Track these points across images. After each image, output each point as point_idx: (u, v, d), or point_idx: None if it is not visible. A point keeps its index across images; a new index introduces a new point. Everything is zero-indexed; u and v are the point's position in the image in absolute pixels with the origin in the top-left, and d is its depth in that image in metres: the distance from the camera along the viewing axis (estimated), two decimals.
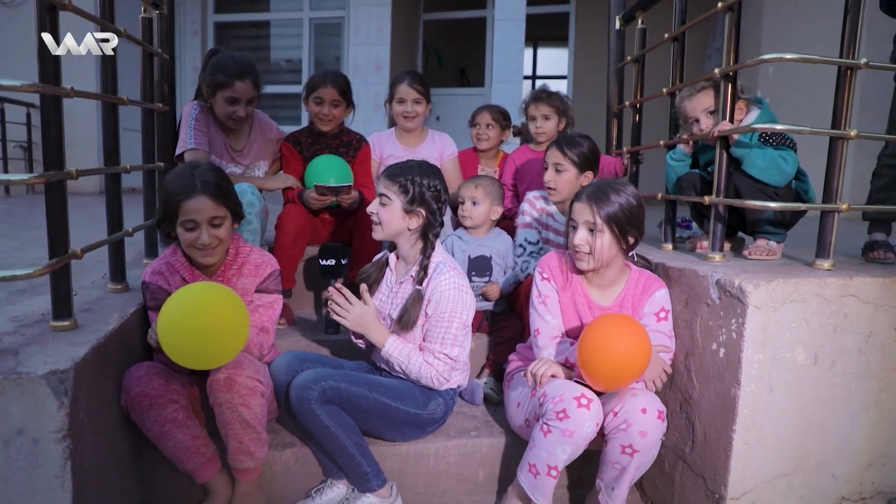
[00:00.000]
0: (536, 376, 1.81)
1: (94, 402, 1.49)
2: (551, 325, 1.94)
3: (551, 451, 1.72)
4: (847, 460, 1.85)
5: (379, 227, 1.98)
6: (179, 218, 1.79)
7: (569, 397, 1.70)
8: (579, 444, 1.70)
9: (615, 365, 1.65)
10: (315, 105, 2.81)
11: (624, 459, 1.74)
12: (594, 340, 1.68)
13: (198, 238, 1.80)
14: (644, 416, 1.69)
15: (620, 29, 2.85)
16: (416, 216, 1.95)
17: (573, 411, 1.68)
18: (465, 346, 2.00)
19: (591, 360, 1.68)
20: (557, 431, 1.70)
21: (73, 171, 1.57)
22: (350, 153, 2.91)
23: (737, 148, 2.03)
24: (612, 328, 1.69)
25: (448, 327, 1.91)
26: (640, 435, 1.70)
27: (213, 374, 1.72)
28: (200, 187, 1.80)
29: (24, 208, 4.90)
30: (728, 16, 1.91)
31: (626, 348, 1.65)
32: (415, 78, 2.98)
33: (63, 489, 1.34)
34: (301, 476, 1.98)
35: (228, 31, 7.96)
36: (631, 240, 1.86)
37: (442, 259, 1.99)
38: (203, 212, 1.79)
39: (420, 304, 1.94)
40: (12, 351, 1.40)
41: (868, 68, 1.77)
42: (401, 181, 1.94)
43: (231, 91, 2.51)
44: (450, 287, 1.91)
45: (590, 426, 1.68)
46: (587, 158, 2.38)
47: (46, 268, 1.47)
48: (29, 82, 1.44)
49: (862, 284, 1.76)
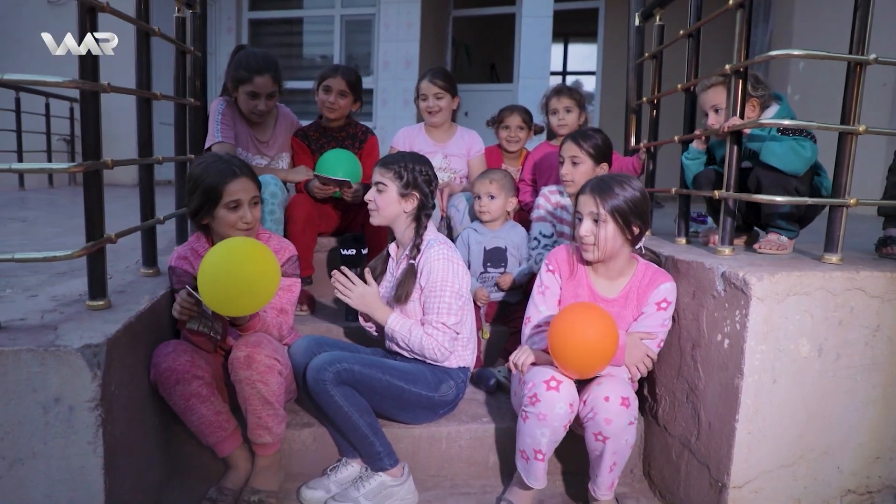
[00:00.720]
0: (518, 365, 1.88)
1: (125, 376, 1.61)
2: (543, 316, 2.00)
3: (533, 435, 1.78)
4: (853, 453, 1.86)
5: (376, 213, 2.10)
6: (224, 199, 1.92)
7: (539, 381, 1.76)
8: (555, 426, 1.75)
9: (581, 351, 1.72)
10: (323, 93, 2.92)
11: (598, 446, 1.79)
12: (560, 328, 1.74)
13: (242, 216, 1.94)
14: (607, 403, 1.74)
15: (640, 26, 2.87)
16: (410, 199, 2.08)
17: (543, 394, 1.74)
18: (464, 318, 2.08)
19: (558, 348, 1.75)
20: (532, 416, 1.76)
21: (108, 161, 1.68)
22: (356, 145, 3.00)
23: (751, 142, 2.05)
24: (576, 316, 1.75)
25: (441, 296, 2.01)
26: (605, 422, 1.74)
27: (234, 351, 1.83)
28: (239, 171, 1.95)
29: (66, 198, 5.12)
30: (739, 13, 1.93)
31: (590, 335, 1.71)
32: (436, 74, 3.05)
33: (95, 454, 1.46)
34: (318, 455, 2.08)
35: (262, 28, 8.13)
36: (635, 230, 1.90)
37: (433, 236, 2.10)
38: (247, 191, 1.96)
39: (414, 278, 2.05)
40: (52, 326, 1.53)
41: (878, 64, 1.78)
42: (395, 168, 2.06)
43: (251, 86, 2.63)
44: (438, 258, 2.02)
45: (562, 407, 1.73)
46: (602, 150, 2.44)
47: (83, 250, 1.58)
48: (70, 78, 1.56)
49: (869, 278, 1.77)
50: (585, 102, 3.06)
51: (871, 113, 4.43)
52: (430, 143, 3.13)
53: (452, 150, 3.13)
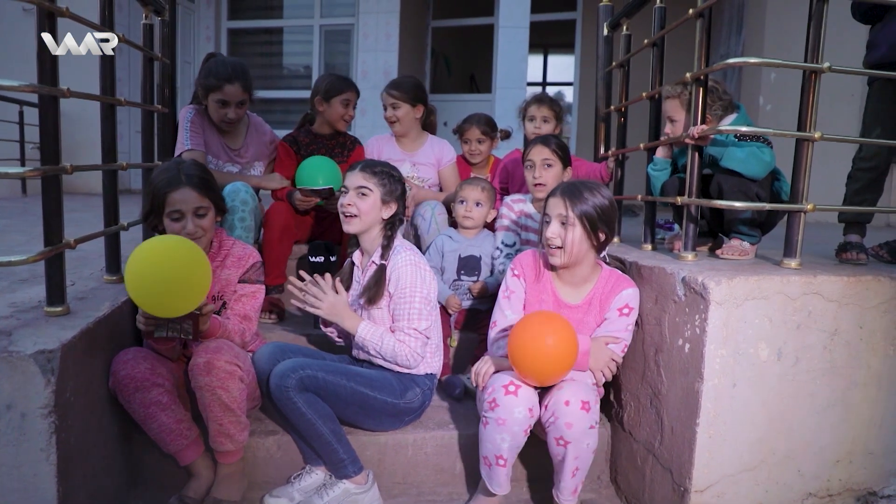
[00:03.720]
0: (479, 375, 1.89)
1: (81, 383, 1.59)
2: (508, 320, 2.00)
3: (493, 441, 1.79)
4: (813, 456, 1.88)
5: (356, 220, 2.05)
6: (166, 209, 1.91)
7: (498, 385, 1.77)
8: (515, 430, 1.76)
9: (541, 359, 1.72)
10: (342, 107, 2.94)
11: (560, 451, 1.79)
12: (519, 338, 1.75)
13: (183, 227, 1.91)
14: (567, 407, 1.74)
15: (608, 35, 2.92)
16: (390, 206, 2.07)
17: (501, 399, 1.75)
18: (433, 323, 2.08)
19: (517, 358, 1.75)
20: (492, 421, 1.76)
21: (68, 166, 1.67)
22: (344, 153, 3.02)
23: (713, 147, 2.09)
24: (534, 326, 1.76)
25: (411, 302, 2.01)
26: (566, 426, 1.74)
27: (193, 358, 1.81)
28: (185, 180, 1.92)
29: (38, 206, 5.04)
30: (699, 22, 1.97)
31: (550, 343, 1.71)
32: (392, 84, 3.07)
33: (48, 462, 1.43)
34: (283, 462, 2.06)
35: (241, 38, 8.11)
36: (602, 236, 1.92)
37: (399, 242, 2.10)
38: (188, 202, 1.92)
39: (383, 280, 2.04)
40: (6, 332, 1.50)
41: (832, 72, 1.82)
42: (379, 175, 2.05)
43: (221, 94, 2.62)
44: (406, 263, 2.02)
45: (520, 412, 1.74)
46: (566, 154, 2.48)
47: (39, 255, 1.57)
48: (26, 83, 1.55)
49: (826, 283, 1.80)
50: (564, 115, 3.10)
51: (840, 122, 4.53)
52: (398, 151, 3.14)
53: (421, 159, 3.14)
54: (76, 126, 5.29)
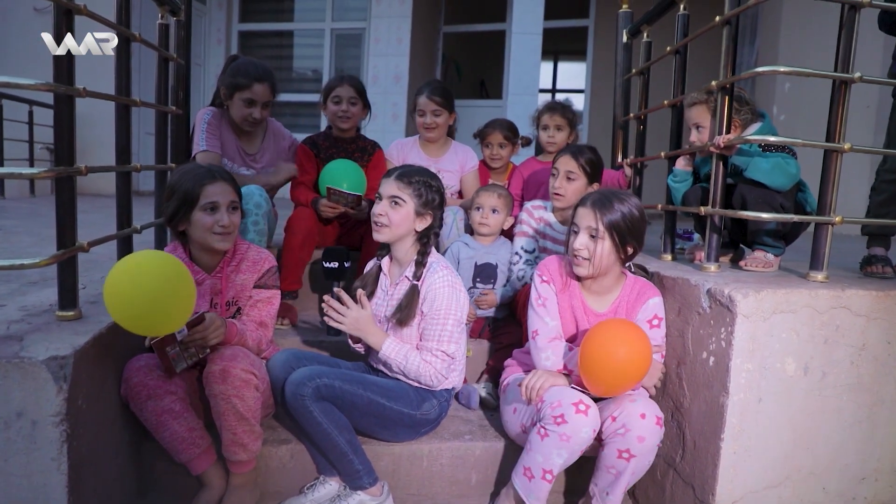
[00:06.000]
0: (532, 390, 1.83)
1: (93, 390, 1.55)
2: (550, 327, 1.95)
3: (547, 454, 1.74)
4: (838, 474, 1.84)
5: (387, 229, 1.98)
6: (201, 202, 1.89)
7: (567, 402, 1.72)
8: (575, 449, 1.72)
9: (617, 370, 1.68)
10: (333, 104, 2.91)
11: (620, 464, 1.75)
12: (597, 345, 1.70)
13: (219, 220, 1.90)
14: (643, 421, 1.71)
15: (627, 42, 2.89)
16: (424, 219, 2.00)
17: (571, 416, 1.69)
18: (460, 344, 2.04)
19: (593, 366, 1.70)
20: (554, 435, 1.71)
21: (82, 167, 1.64)
22: (365, 158, 2.99)
23: (738, 157, 2.05)
24: (614, 333, 1.71)
25: (444, 324, 1.95)
26: (637, 440, 1.71)
27: (209, 365, 1.78)
28: (218, 175, 1.94)
29: (47, 208, 5.03)
30: (725, 30, 1.94)
31: (628, 353, 1.67)
32: (434, 90, 3.03)
33: (59, 471, 1.40)
34: (296, 472, 2.02)
35: (252, 41, 8.12)
36: (630, 250, 1.88)
37: (435, 259, 2.04)
38: (225, 194, 1.93)
39: (417, 300, 1.97)
40: (17, 337, 1.47)
41: (862, 82, 1.78)
42: (415, 185, 1.97)
43: (250, 93, 2.61)
44: (443, 285, 1.96)
45: (587, 432, 1.70)
46: (596, 169, 2.45)
47: (52, 258, 1.53)
48: (43, 81, 1.52)
49: (854, 297, 1.76)
50: (577, 122, 3.08)
51: (856, 133, 4.48)
52: (424, 157, 3.11)
53: (446, 166, 3.12)
54: (85, 126, 5.29)
